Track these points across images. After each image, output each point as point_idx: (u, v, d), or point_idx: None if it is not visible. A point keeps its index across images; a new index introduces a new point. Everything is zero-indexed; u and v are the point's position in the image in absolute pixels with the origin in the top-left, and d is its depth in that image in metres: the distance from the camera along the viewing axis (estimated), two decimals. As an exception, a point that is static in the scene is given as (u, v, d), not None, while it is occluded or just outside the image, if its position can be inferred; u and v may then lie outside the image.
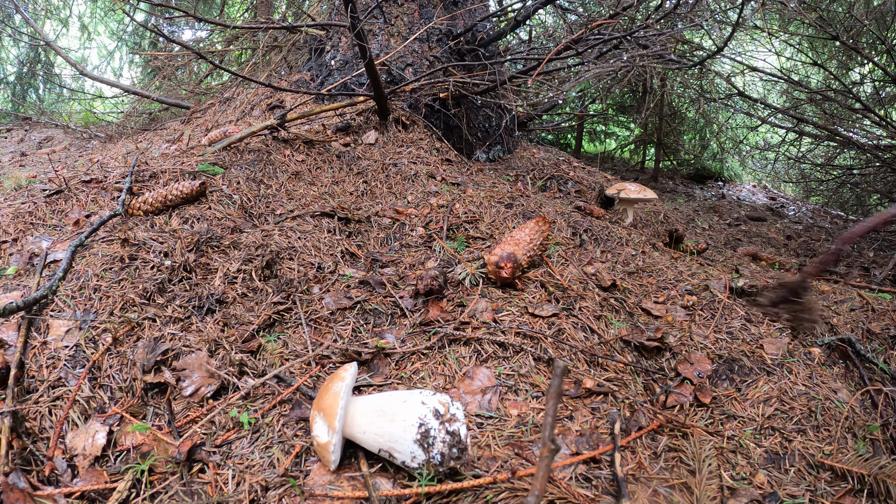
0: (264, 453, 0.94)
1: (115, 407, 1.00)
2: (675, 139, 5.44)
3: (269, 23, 3.79)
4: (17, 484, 0.82)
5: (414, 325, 1.29)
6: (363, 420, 0.90)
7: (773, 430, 1.07)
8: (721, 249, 2.45)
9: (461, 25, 3.22)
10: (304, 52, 3.75)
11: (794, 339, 1.30)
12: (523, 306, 1.35)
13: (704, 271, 1.65)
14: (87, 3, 6.10)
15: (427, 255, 1.63)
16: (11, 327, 1.11)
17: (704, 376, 1.18)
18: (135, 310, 1.21)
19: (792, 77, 4.14)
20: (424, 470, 0.85)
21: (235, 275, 1.39)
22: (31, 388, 1.00)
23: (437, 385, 1.12)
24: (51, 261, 1.34)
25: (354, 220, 1.81)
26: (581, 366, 1.19)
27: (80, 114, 5.17)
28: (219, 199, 1.73)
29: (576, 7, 4.10)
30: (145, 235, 1.45)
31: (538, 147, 3.83)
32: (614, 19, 2.53)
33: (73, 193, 1.64)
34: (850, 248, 3.02)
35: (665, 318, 1.38)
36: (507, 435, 0.99)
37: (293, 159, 2.22)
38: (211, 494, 0.86)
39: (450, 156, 2.67)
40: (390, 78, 2.89)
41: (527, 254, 1.45)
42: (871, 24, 3.04)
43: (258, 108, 3.04)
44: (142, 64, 5.67)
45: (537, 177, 2.92)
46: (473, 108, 3.15)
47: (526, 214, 1.92)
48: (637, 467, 0.95)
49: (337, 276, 1.49)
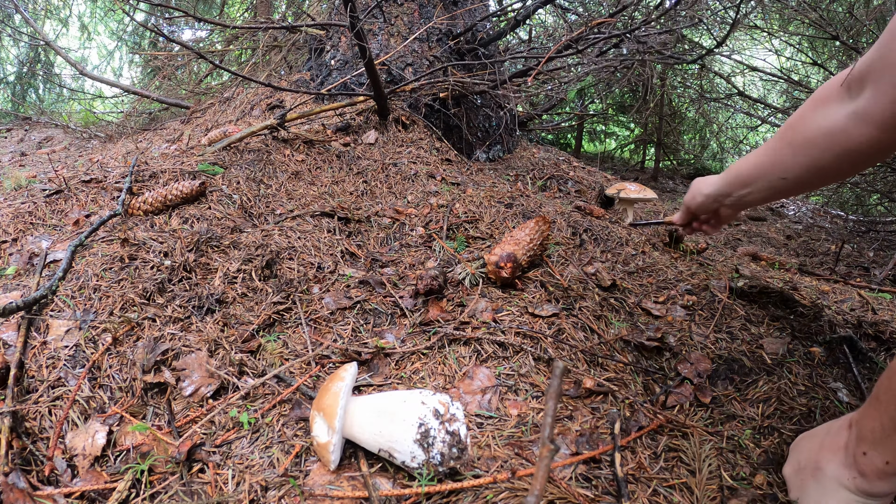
0: (264, 453, 0.94)
1: (115, 407, 1.00)
2: (675, 139, 5.44)
3: (268, 23, 3.79)
4: (16, 484, 0.82)
5: (414, 325, 1.29)
6: (363, 420, 0.90)
7: (773, 429, 1.07)
8: (721, 249, 2.45)
9: (461, 25, 3.22)
10: (303, 51, 3.75)
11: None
12: (523, 306, 1.35)
13: (704, 271, 1.65)
14: (87, 3, 6.11)
15: (427, 255, 1.63)
16: (11, 327, 1.11)
17: (704, 376, 1.18)
18: (135, 310, 1.21)
19: (792, 77, 4.14)
20: (424, 470, 0.85)
21: (235, 275, 1.39)
22: (31, 388, 1.00)
23: (437, 385, 1.12)
24: (50, 261, 1.34)
25: (354, 219, 1.81)
26: (581, 366, 1.19)
27: (79, 114, 5.17)
28: (219, 199, 1.73)
29: (575, 7, 4.10)
30: (145, 235, 1.45)
31: (538, 147, 3.83)
32: (614, 18, 2.53)
33: (73, 193, 1.64)
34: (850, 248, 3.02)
35: (665, 318, 1.38)
36: (507, 435, 0.99)
37: (293, 159, 2.22)
38: (211, 494, 0.86)
39: (450, 155, 2.67)
40: (390, 78, 2.89)
41: (527, 253, 1.45)
42: (871, 24, 3.04)
43: (258, 107, 3.04)
44: (142, 64, 5.67)
45: (537, 176, 2.92)
46: (473, 107, 3.15)
47: (526, 214, 1.92)
48: (637, 467, 0.95)
49: (337, 275, 1.49)
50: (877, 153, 0.97)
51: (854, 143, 0.96)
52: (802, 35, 3.98)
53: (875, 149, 0.95)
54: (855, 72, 0.95)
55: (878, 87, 0.89)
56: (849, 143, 0.97)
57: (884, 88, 0.87)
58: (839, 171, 1.06)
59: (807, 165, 1.09)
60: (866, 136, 0.94)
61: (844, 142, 0.98)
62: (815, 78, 4.33)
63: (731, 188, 1.35)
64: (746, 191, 1.30)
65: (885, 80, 0.87)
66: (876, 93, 0.89)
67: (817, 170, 1.08)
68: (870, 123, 0.92)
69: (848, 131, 0.97)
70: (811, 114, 1.06)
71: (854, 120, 0.95)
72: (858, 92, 0.94)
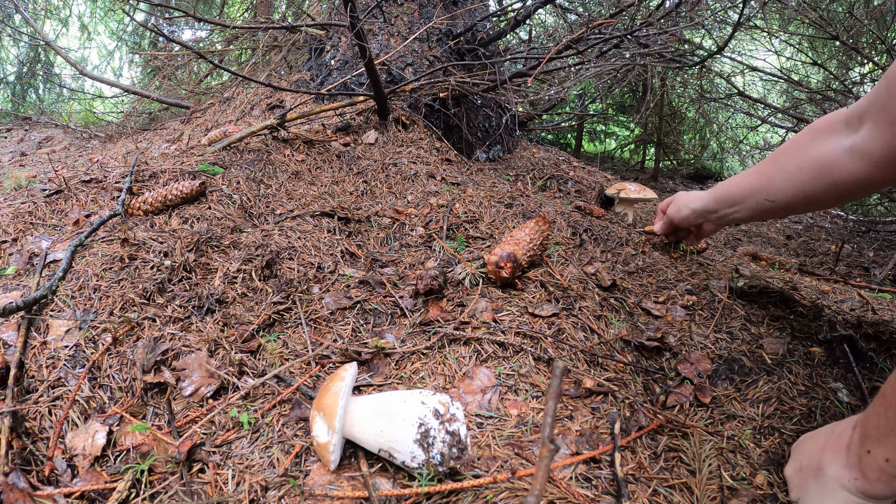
0: (264, 453, 0.94)
1: (115, 407, 1.00)
2: (675, 139, 5.44)
3: (269, 23, 3.79)
4: (16, 484, 0.81)
5: (414, 325, 1.29)
6: (363, 420, 0.90)
7: (773, 429, 1.07)
8: (721, 249, 2.45)
9: (461, 25, 3.22)
10: (303, 51, 3.75)
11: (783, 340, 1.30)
12: (523, 306, 1.35)
13: (704, 271, 1.65)
14: (87, 3, 6.11)
15: (427, 255, 1.63)
16: (11, 327, 1.11)
17: (704, 376, 1.18)
18: (135, 310, 1.21)
19: (792, 77, 4.14)
20: (424, 470, 0.85)
21: (235, 275, 1.39)
22: (31, 388, 1.00)
23: (437, 385, 1.12)
24: (50, 261, 1.34)
25: (354, 219, 1.81)
26: (581, 366, 1.19)
27: (79, 114, 5.17)
28: (219, 199, 1.73)
29: (576, 7, 4.10)
30: (145, 235, 1.45)
31: (538, 147, 3.83)
32: (614, 19, 2.53)
33: (73, 193, 1.64)
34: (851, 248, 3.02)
35: (665, 318, 1.38)
36: (507, 435, 0.99)
37: (293, 159, 2.22)
38: (211, 494, 0.86)
39: (450, 155, 2.67)
40: (390, 78, 2.89)
41: (527, 253, 1.45)
42: (871, 24, 3.04)
43: (258, 107, 3.04)
44: (142, 64, 5.67)
45: (537, 176, 2.92)
46: (473, 107, 3.15)
47: (526, 214, 1.92)
48: (637, 467, 0.95)
49: (337, 275, 1.49)
50: (865, 187, 1.03)
51: (847, 175, 1.02)
52: (802, 35, 3.98)
53: (865, 183, 1.01)
54: (855, 108, 1.00)
55: (876, 126, 0.94)
56: (841, 175, 1.03)
57: (882, 127, 0.92)
58: (826, 200, 1.12)
59: (795, 191, 1.15)
60: (859, 171, 0.99)
61: (837, 173, 1.04)
62: (815, 78, 4.34)
63: (719, 205, 1.43)
64: (734, 209, 1.37)
65: (882, 119, 0.92)
66: (874, 130, 0.94)
67: (804, 196, 1.14)
68: (864, 159, 0.98)
69: (842, 164, 1.02)
70: (808, 143, 1.11)
71: (849, 154, 1.01)
72: (857, 128, 0.99)
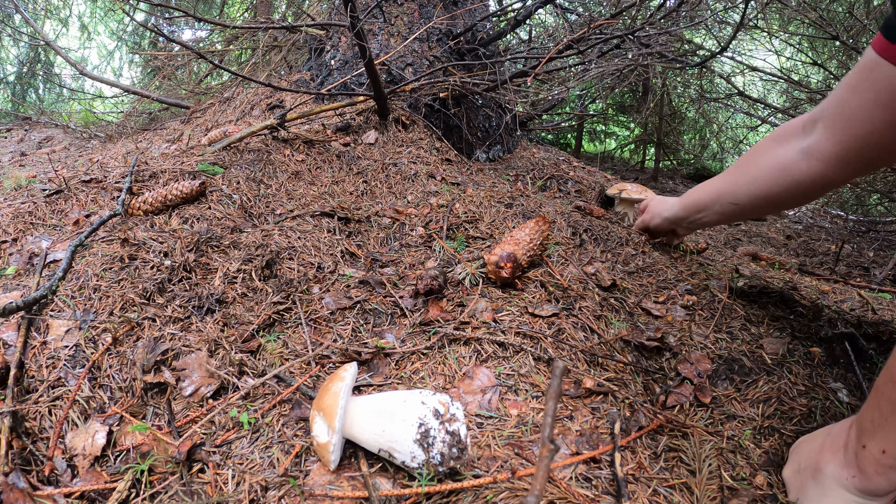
0: (264, 453, 0.94)
1: (115, 407, 1.00)
2: (675, 139, 5.43)
3: (269, 23, 3.79)
4: (16, 484, 0.81)
5: (414, 325, 1.29)
6: (363, 420, 0.90)
7: (773, 430, 1.07)
8: (721, 249, 2.45)
9: (461, 25, 3.22)
10: (303, 51, 3.75)
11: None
12: (523, 306, 1.35)
13: (704, 271, 1.65)
14: (87, 3, 6.11)
15: (427, 255, 1.63)
16: (11, 327, 1.11)
17: (704, 376, 1.18)
18: (135, 310, 1.21)
19: (792, 77, 4.14)
20: (424, 470, 0.85)
21: (235, 275, 1.39)
22: (31, 388, 1.00)
23: (437, 385, 1.12)
24: (50, 261, 1.34)
25: (354, 219, 1.81)
26: (581, 366, 1.19)
27: (79, 114, 5.17)
28: (219, 199, 1.73)
29: (576, 7, 4.10)
30: (145, 235, 1.45)
31: (538, 147, 3.83)
32: (615, 19, 2.53)
33: (73, 193, 1.64)
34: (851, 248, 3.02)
35: (665, 318, 1.38)
36: (507, 435, 0.99)
37: (293, 159, 2.22)
38: (211, 494, 0.86)
39: (450, 155, 2.67)
40: (390, 78, 2.89)
41: (527, 253, 1.45)
42: (871, 24, 3.04)
43: (258, 107, 3.05)
44: (142, 64, 5.67)
45: (537, 176, 2.92)
46: (473, 107, 3.15)
47: (526, 214, 1.92)
48: (637, 467, 0.95)
49: (337, 275, 1.49)
50: (821, 186, 1.11)
51: (804, 175, 1.11)
52: (802, 35, 3.98)
53: (820, 182, 1.09)
54: (811, 113, 1.09)
55: (827, 128, 1.03)
56: (799, 176, 1.12)
57: (832, 129, 1.02)
58: (786, 200, 1.21)
59: (757, 193, 1.25)
60: (814, 170, 1.08)
61: (796, 174, 1.12)
62: (814, 78, 4.33)
63: (688, 213, 1.56)
64: (701, 215, 1.49)
65: (834, 124, 1.01)
66: (825, 132, 1.04)
67: (765, 197, 1.24)
68: (818, 159, 1.07)
69: (799, 165, 1.11)
70: (769, 147, 1.21)
71: (805, 155, 1.10)
72: (811, 131, 1.09)
